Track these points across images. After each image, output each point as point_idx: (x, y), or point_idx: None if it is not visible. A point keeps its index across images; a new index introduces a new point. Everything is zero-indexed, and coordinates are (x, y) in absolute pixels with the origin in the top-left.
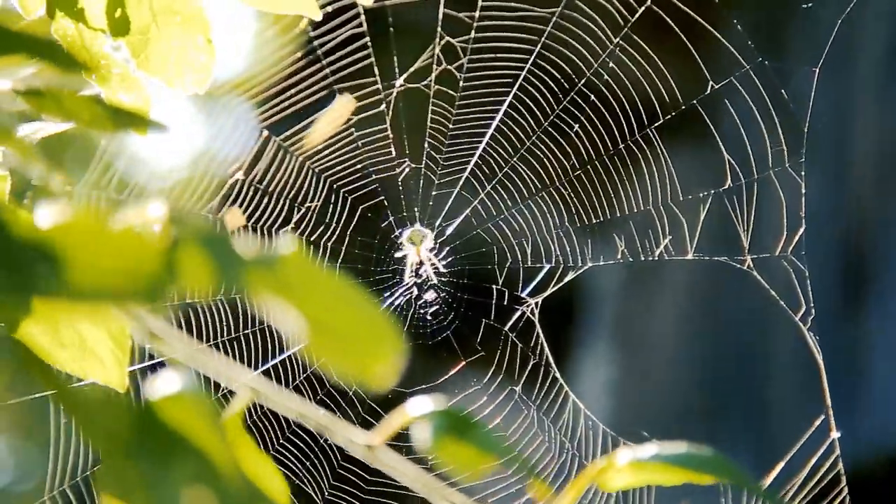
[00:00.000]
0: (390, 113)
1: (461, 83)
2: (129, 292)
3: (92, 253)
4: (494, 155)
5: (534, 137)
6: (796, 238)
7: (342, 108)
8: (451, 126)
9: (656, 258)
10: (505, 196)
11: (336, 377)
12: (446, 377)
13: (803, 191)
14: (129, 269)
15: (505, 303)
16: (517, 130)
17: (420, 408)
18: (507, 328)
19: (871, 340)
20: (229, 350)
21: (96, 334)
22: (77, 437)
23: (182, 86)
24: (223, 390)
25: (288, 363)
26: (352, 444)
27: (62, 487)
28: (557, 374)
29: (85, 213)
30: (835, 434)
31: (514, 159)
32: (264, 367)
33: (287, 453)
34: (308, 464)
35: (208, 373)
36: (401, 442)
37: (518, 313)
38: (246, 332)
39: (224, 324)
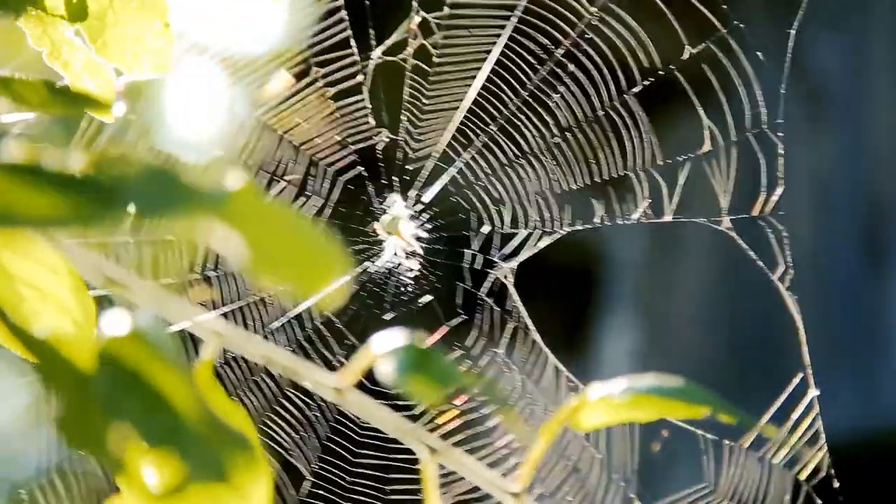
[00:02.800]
0: (368, 83)
1: (435, 59)
2: (70, 221)
3: (32, 188)
4: (472, 126)
5: (512, 107)
6: (773, 199)
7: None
8: (425, 101)
9: (635, 222)
10: (483, 164)
11: (285, 298)
12: (429, 343)
13: (780, 152)
14: (63, 202)
15: (483, 268)
16: (495, 101)
17: (384, 344)
18: (484, 293)
19: (893, 302)
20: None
21: (56, 283)
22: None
23: (140, 70)
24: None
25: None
26: (321, 387)
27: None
28: (536, 337)
29: (24, 150)
30: (814, 392)
31: (492, 129)
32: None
33: (274, 426)
34: (296, 437)
35: (169, 317)
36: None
37: (493, 278)
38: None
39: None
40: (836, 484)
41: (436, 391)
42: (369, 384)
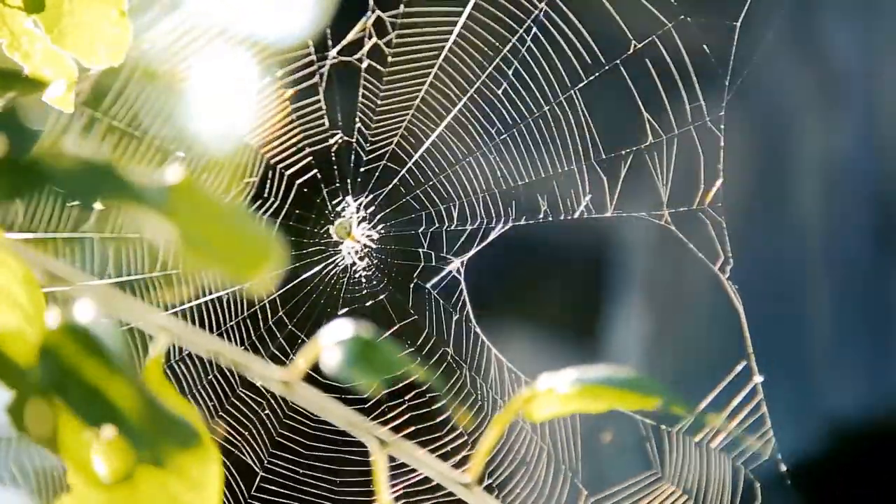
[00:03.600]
0: (323, 85)
1: (389, 58)
2: None
3: None
4: (421, 126)
5: (460, 105)
6: (713, 191)
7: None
8: (378, 102)
9: (576, 217)
10: (432, 164)
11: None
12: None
13: (721, 144)
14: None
15: (433, 264)
16: (442, 100)
17: (331, 336)
18: (433, 289)
19: None
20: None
21: (10, 284)
22: None
23: (96, 60)
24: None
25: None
26: (268, 380)
27: None
28: (478, 330)
29: None
30: (758, 379)
31: (441, 128)
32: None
33: (225, 424)
34: (246, 434)
35: (118, 314)
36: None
37: (443, 273)
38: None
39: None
40: (784, 467)
41: (378, 378)
42: (320, 378)
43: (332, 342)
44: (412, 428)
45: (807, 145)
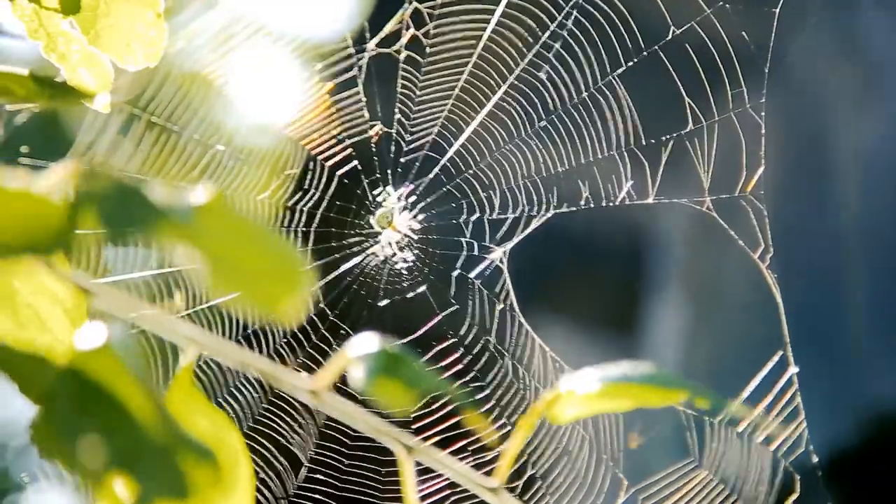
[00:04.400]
0: (362, 77)
1: (427, 48)
2: (30, 245)
3: None
4: (461, 115)
5: (499, 93)
6: (755, 178)
7: None
8: (418, 92)
9: (618, 203)
10: (473, 152)
11: (246, 314)
12: (423, 330)
13: (762, 131)
14: (29, 225)
15: (475, 253)
16: (483, 88)
17: (358, 349)
18: (475, 279)
19: None
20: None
21: (54, 312)
22: None
23: (133, 60)
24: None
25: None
26: (296, 390)
27: None
28: (522, 320)
29: None
30: (793, 369)
31: (481, 116)
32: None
33: (271, 416)
34: (294, 424)
35: (145, 326)
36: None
37: (486, 262)
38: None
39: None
40: (815, 458)
41: (404, 396)
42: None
43: (359, 356)
44: (447, 425)
45: (845, 132)
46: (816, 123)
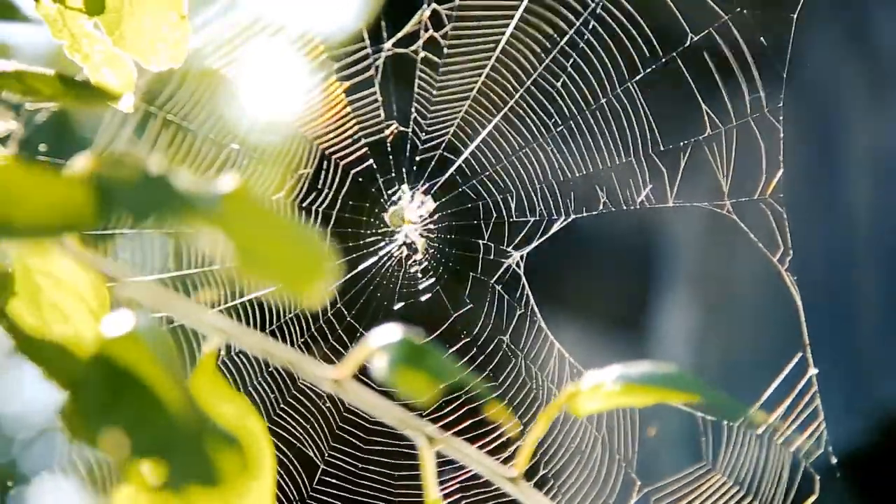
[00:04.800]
0: (379, 77)
1: (445, 50)
2: (54, 226)
3: (23, 194)
4: (477, 116)
5: (517, 96)
6: (774, 181)
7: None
8: (435, 92)
9: (637, 207)
10: (489, 154)
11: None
12: (438, 332)
13: (781, 136)
14: (54, 207)
15: (492, 257)
16: (500, 90)
17: (380, 339)
18: (493, 281)
19: None
20: (245, 309)
21: (78, 310)
22: None
23: (157, 61)
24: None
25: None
26: (319, 379)
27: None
28: (543, 324)
29: (12, 161)
30: (812, 371)
31: (498, 119)
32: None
33: (287, 417)
34: (308, 427)
35: (173, 314)
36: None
37: (504, 266)
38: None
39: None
40: (834, 460)
41: (428, 387)
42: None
43: (382, 346)
44: (467, 416)
45: (858, 136)
46: (829, 126)
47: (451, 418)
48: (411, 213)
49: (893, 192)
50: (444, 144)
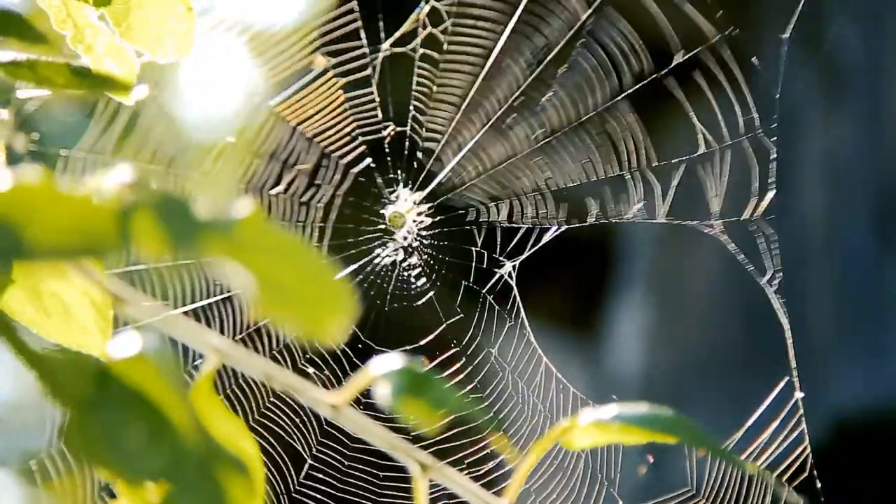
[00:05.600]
0: (377, 76)
1: (445, 46)
2: (81, 251)
3: (46, 215)
4: (474, 119)
5: (511, 103)
6: (765, 203)
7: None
8: (435, 89)
9: (629, 221)
10: (484, 159)
11: (288, 334)
12: (428, 339)
13: (772, 157)
14: (80, 230)
15: (484, 265)
16: (497, 95)
17: (382, 367)
18: (484, 291)
19: None
20: (219, 311)
21: (79, 302)
22: None
23: (164, 53)
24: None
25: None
26: (318, 404)
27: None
28: (532, 338)
29: (39, 177)
30: (798, 395)
31: (493, 123)
32: (252, 329)
33: (276, 410)
34: (298, 421)
35: (174, 335)
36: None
37: (496, 276)
38: (221, 297)
39: (199, 290)
40: (819, 485)
41: (431, 416)
42: (362, 398)
43: (383, 374)
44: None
45: (809, 141)
46: (780, 132)
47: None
48: (411, 214)
49: (840, 196)
50: (441, 146)
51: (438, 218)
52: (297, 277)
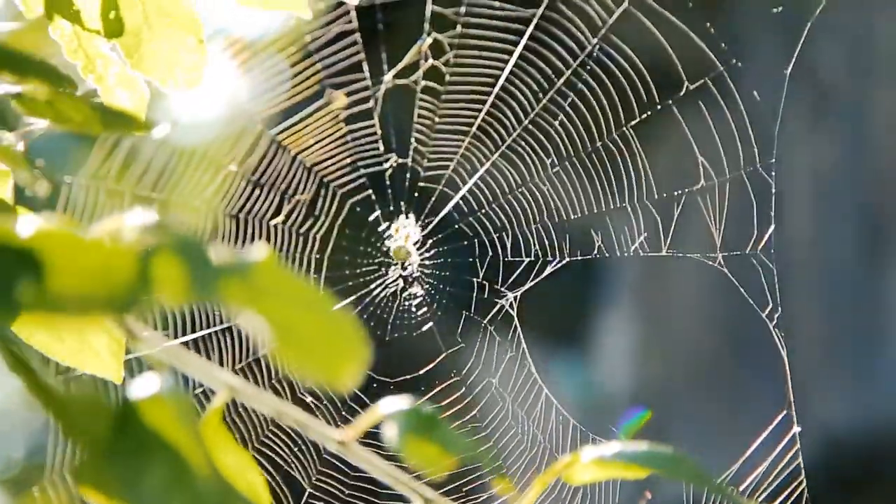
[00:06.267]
0: (378, 109)
1: (447, 77)
2: (105, 300)
3: (68, 262)
4: (477, 150)
5: (514, 134)
6: (766, 237)
7: (340, 100)
8: (437, 120)
9: (631, 254)
10: (486, 191)
11: (301, 380)
12: (428, 368)
13: (773, 190)
14: (104, 278)
15: (485, 296)
16: (499, 126)
17: (390, 407)
18: (486, 321)
19: (891, 302)
20: (209, 346)
21: (92, 327)
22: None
23: (175, 84)
24: (200, 388)
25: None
26: (326, 440)
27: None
28: (533, 369)
29: (62, 223)
30: (796, 429)
31: (496, 155)
32: (253, 358)
33: (276, 439)
34: (296, 449)
35: (187, 371)
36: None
37: (497, 307)
38: (231, 324)
39: (210, 316)
40: None
41: (441, 460)
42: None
43: (391, 414)
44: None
45: (795, 164)
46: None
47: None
48: (413, 248)
49: (827, 213)
50: (443, 179)
51: (440, 250)
52: (312, 323)
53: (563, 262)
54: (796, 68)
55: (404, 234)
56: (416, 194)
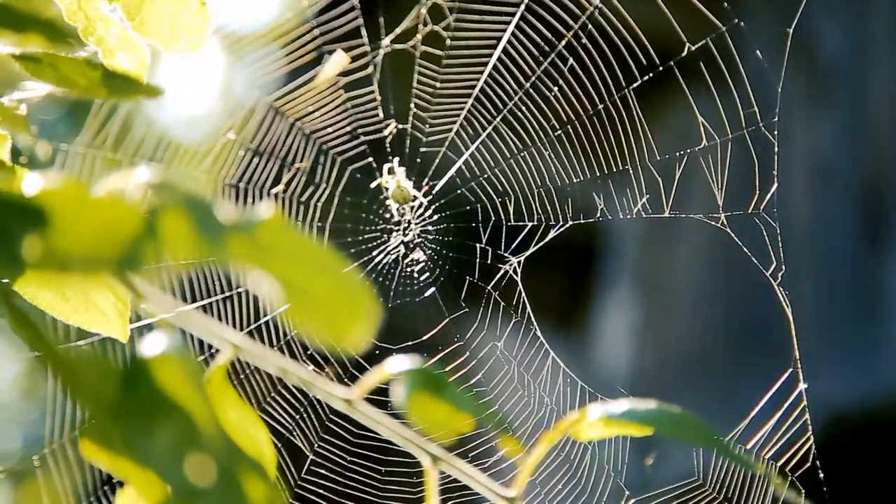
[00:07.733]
0: (377, 74)
1: (448, 42)
2: (112, 259)
3: (76, 219)
4: (478, 115)
5: (515, 98)
6: (768, 196)
7: (340, 62)
8: (437, 85)
9: (634, 216)
10: (488, 156)
11: (312, 341)
12: (431, 333)
13: (776, 150)
14: (111, 236)
15: (489, 261)
16: (500, 91)
17: (397, 366)
18: (490, 287)
19: (891, 279)
20: (218, 310)
21: (98, 287)
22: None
23: (176, 48)
24: (209, 350)
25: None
26: (332, 399)
27: (62, 440)
28: (538, 332)
29: (69, 181)
30: (802, 386)
31: (498, 120)
32: (254, 326)
33: (277, 407)
34: (298, 418)
35: (193, 331)
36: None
37: (501, 272)
38: (232, 293)
39: (210, 285)
40: (822, 475)
41: (446, 421)
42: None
43: (398, 372)
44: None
45: (795, 142)
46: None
47: None
48: (409, 184)
49: (828, 195)
50: (446, 142)
51: (443, 215)
52: (321, 282)
53: (566, 225)
54: (796, 32)
55: (394, 180)
56: (418, 160)
